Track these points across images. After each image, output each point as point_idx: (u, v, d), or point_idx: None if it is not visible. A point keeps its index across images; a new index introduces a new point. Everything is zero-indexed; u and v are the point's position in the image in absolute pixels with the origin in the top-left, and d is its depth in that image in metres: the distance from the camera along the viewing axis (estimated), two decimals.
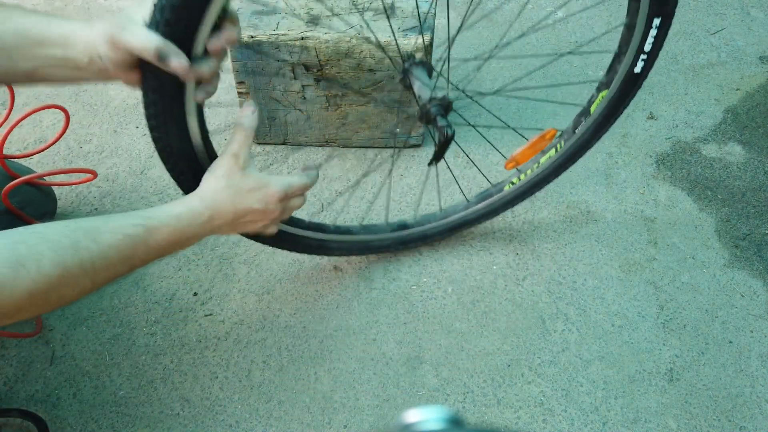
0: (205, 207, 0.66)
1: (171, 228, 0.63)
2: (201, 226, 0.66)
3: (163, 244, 0.63)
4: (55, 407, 0.92)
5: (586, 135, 1.01)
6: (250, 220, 0.71)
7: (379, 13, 1.14)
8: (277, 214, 0.73)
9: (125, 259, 0.59)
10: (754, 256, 1.14)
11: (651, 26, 0.93)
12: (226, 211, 0.67)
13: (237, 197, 0.68)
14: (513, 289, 1.08)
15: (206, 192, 0.68)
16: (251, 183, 0.69)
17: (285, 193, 0.72)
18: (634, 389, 0.96)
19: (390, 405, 0.94)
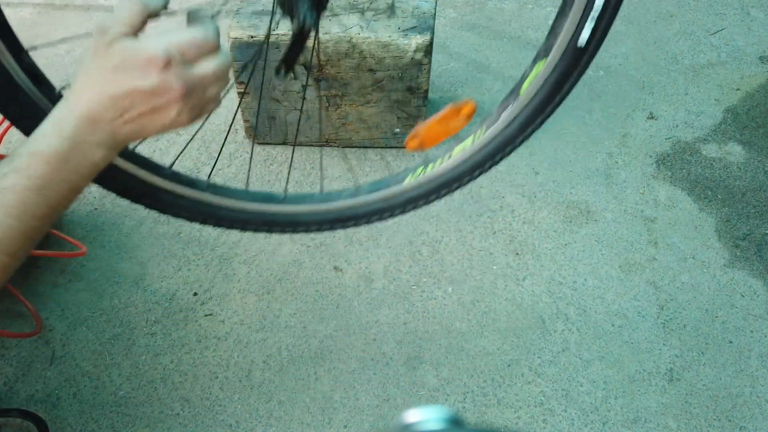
0: (71, 107, 0.51)
1: (45, 154, 0.50)
2: (82, 132, 0.51)
3: (52, 175, 0.50)
4: (55, 407, 0.92)
5: (513, 125, 0.76)
6: (144, 109, 0.52)
7: (379, 13, 1.14)
8: (178, 90, 0.52)
9: (20, 214, 0.50)
10: (754, 256, 1.14)
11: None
12: (99, 102, 0.51)
13: (105, 78, 0.51)
14: (513, 289, 1.08)
15: (72, 88, 0.52)
16: (118, 55, 0.50)
17: (167, 53, 0.50)
18: (634, 389, 0.96)
19: (390, 405, 0.94)
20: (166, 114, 0.53)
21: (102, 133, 0.51)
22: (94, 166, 0.53)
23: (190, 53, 0.53)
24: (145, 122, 0.53)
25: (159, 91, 0.51)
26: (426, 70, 1.14)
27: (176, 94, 0.52)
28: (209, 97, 0.55)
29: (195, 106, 0.54)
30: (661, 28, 1.64)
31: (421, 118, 1.23)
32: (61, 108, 0.51)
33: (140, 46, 0.50)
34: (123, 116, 0.52)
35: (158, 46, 0.50)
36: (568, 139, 1.34)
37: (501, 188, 1.24)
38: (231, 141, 1.32)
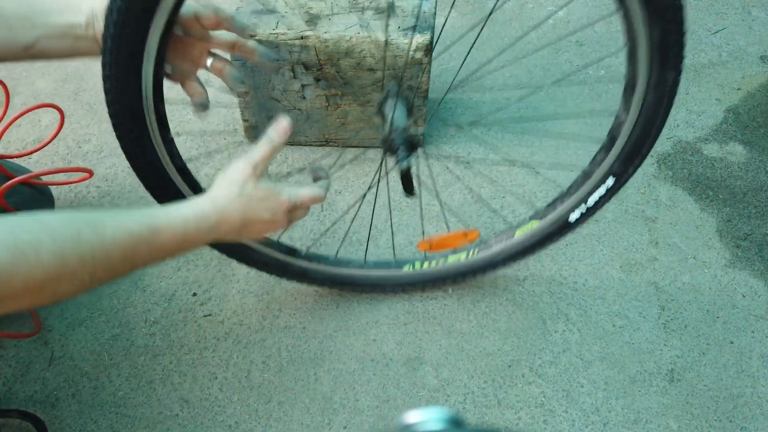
0: (214, 212, 0.64)
1: (177, 230, 0.61)
2: (208, 231, 0.64)
3: (167, 246, 0.61)
4: (54, 408, 0.92)
5: (500, 256, 0.99)
6: (256, 230, 0.70)
7: (379, 12, 1.13)
8: (284, 226, 0.72)
9: (127, 257, 0.57)
10: (756, 256, 1.13)
11: (604, 182, 0.87)
12: (235, 219, 0.66)
13: (248, 206, 0.66)
14: (513, 290, 1.08)
15: (218, 197, 0.66)
16: (263, 192, 0.67)
17: (294, 204, 0.70)
18: (635, 390, 0.95)
19: (390, 406, 0.93)
20: (261, 234, 0.71)
21: (219, 234, 0.66)
22: (189, 252, 0.69)
23: (305, 203, 0.72)
24: (249, 235, 0.70)
25: (274, 224, 0.70)
26: (426, 70, 1.13)
27: (281, 228, 0.72)
28: (286, 228, 0.73)
29: (280, 230, 0.72)
30: None
31: (421, 118, 1.23)
32: (206, 204, 0.64)
33: (280, 189, 0.69)
34: (242, 229, 0.68)
35: (292, 195, 0.70)
36: (568, 139, 1.34)
37: (501, 188, 1.23)
38: (231, 141, 1.32)
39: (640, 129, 0.77)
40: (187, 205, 0.63)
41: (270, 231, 0.71)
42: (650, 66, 0.67)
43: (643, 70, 0.69)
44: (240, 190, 0.66)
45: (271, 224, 0.70)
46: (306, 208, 0.74)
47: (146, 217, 0.59)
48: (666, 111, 0.74)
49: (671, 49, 0.65)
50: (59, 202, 1.16)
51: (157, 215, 0.60)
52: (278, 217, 0.69)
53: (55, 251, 0.50)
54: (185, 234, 0.62)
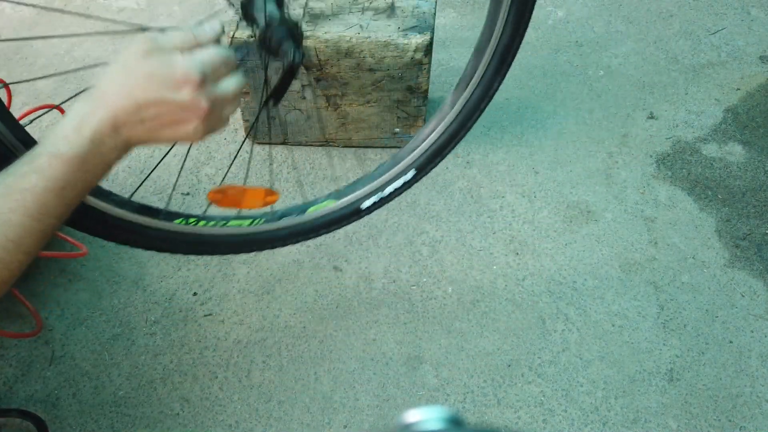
0: (95, 107, 0.51)
1: (65, 155, 0.50)
2: (100, 136, 0.50)
3: (70, 176, 0.50)
4: (54, 407, 0.92)
5: (283, 231, 0.90)
6: (166, 120, 0.53)
7: (379, 12, 1.14)
8: (204, 108, 0.53)
9: (39, 215, 0.50)
10: (755, 256, 1.14)
11: (404, 174, 0.90)
12: (124, 107, 0.51)
13: (133, 82, 0.51)
14: (513, 289, 1.08)
15: (99, 85, 0.52)
16: (154, 65, 0.51)
17: (202, 71, 0.52)
18: (635, 389, 0.96)
19: (390, 405, 0.93)
20: (183, 127, 0.54)
21: (120, 137, 0.52)
22: (107, 166, 0.53)
23: (218, 72, 0.55)
24: (162, 131, 0.54)
25: (186, 107, 0.52)
26: (426, 70, 1.14)
27: (201, 112, 0.53)
28: (224, 117, 0.57)
29: (210, 123, 0.55)
30: (661, 27, 1.64)
31: (421, 117, 1.23)
32: (83, 107, 0.51)
33: (178, 60, 0.52)
34: (143, 122, 0.52)
35: (195, 65, 0.52)
36: (568, 139, 1.34)
37: (501, 188, 1.24)
38: (231, 141, 1.32)
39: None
40: (63, 119, 0.52)
41: (194, 119, 0.53)
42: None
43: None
44: (121, 65, 0.52)
45: (184, 109, 0.52)
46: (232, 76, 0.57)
47: (27, 163, 0.50)
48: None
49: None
50: None
51: (38, 153, 0.50)
52: (188, 95, 0.52)
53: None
54: (77, 153, 0.50)
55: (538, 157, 1.30)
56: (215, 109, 0.54)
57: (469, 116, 0.89)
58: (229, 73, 0.57)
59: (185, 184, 1.23)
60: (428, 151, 0.91)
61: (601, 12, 1.68)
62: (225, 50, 0.56)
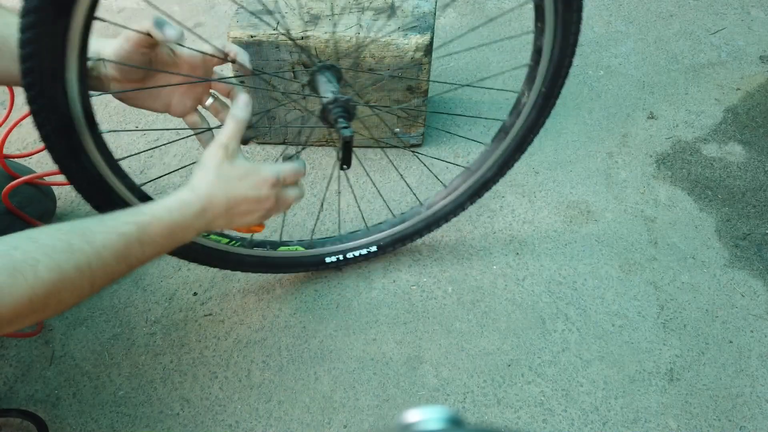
0: (196, 197, 0.65)
1: (163, 222, 0.62)
2: (194, 218, 0.64)
3: (158, 239, 0.62)
4: (54, 407, 0.92)
5: (250, 260, 0.99)
6: (244, 210, 0.69)
7: (379, 12, 1.14)
8: (272, 202, 0.71)
9: (121, 258, 0.59)
10: (755, 256, 1.14)
11: (366, 248, 1.07)
12: (219, 201, 0.66)
13: (228, 186, 0.66)
14: (513, 289, 1.08)
15: (197, 183, 0.66)
16: (241, 171, 0.67)
17: (276, 177, 0.69)
18: (635, 389, 0.96)
19: (390, 405, 0.93)
20: (258, 216, 0.71)
21: (207, 221, 0.66)
22: (184, 241, 0.65)
23: (288, 180, 0.72)
24: (242, 220, 0.70)
25: (262, 202, 0.69)
26: (426, 70, 1.14)
27: (272, 206, 0.71)
28: (282, 210, 0.74)
29: (270, 213, 0.72)
30: (661, 27, 1.64)
31: (421, 118, 1.23)
32: (187, 193, 0.65)
33: (259, 166, 0.68)
34: (230, 212, 0.67)
35: (272, 169, 0.69)
36: (568, 139, 1.34)
37: (501, 188, 1.24)
38: None
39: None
40: (169, 198, 0.64)
41: (262, 211, 0.71)
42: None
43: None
44: (217, 171, 0.66)
45: (259, 202, 0.69)
46: (297, 186, 0.74)
47: (131, 215, 0.61)
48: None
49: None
50: (61, 202, 1.16)
51: (143, 211, 0.61)
52: (264, 193, 0.69)
53: (51, 267, 0.52)
54: (172, 224, 0.62)
55: (538, 157, 1.30)
56: (279, 206, 0.72)
57: (437, 220, 1.06)
58: (296, 182, 0.74)
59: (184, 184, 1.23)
60: (393, 237, 1.07)
61: (601, 12, 1.68)
62: (297, 165, 0.73)
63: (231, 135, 0.67)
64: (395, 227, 1.06)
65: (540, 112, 0.91)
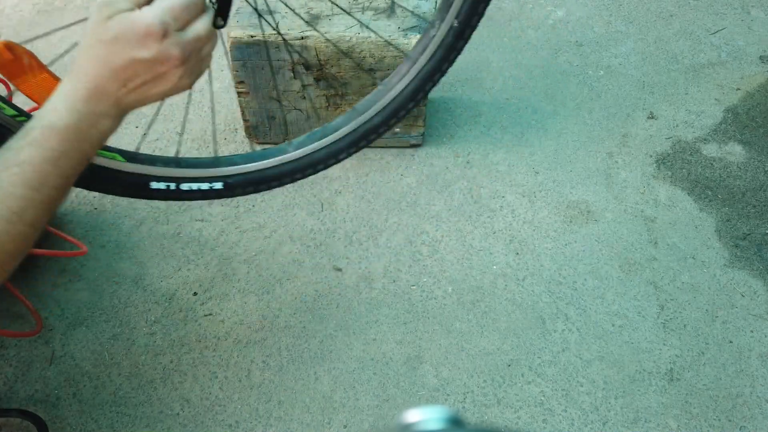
0: (78, 81, 0.53)
1: (55, 127, 0.52)
2: (88, 105, 0.53)
3: (65, 147, 0.52)
4: (54, 407, 0.92)
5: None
6: (147, 77, 0.54)
7: (379, 12, 1.14)
8: (177, 56, 0.53)
9: (38, 185, 0.52)
10: (755, 256, 1.14)
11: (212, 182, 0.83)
12: (103, 75, 0.52)
13: (105, 51, 0.52)
14: (513, 289, 1.08)
15: (76, 63, 0.54)
16: (117, 28, 0.51)
17: (162, 21, 0.51)
18: (635, 389, 0.96)
19: (390, 405, 0.93)
20: (167, 80, 0.55)
21: (108, 103, 0.54)
22: (102, 134, 0.55)
23: (182, 17, 0.54)
24: (148, 89, 0.55)
25: (160, 60, 0.53)
26: None
27: (176, 60, 0.54)
28: (204, 56, 0.57)
29: (193, 67, 0.56)
30: (661, 27, 1.64)
31: (421, 117, 1.23)
32: (67, 83, 0.53)
33: (136, 17, 0.51)
34: (126, 86, 0.54)
35: (154, 16, 0.51)
36: (568, 139, 1.34)
37: (501, 188, 1.24)
38: (231, 141, 1.32)
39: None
40: (52, 97, 0.54)
41: (173, 71, 0.54)
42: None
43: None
44: (91, 40, 0.52)
45: (157, 63, 0.53)
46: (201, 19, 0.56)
47: (22, 138, 0.52)
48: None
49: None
50: None
51: (32, 127, 0.52)
52: (155, 50, 0.52)
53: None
54: (69, 125, 0.52)
55: (538, 157, 1.30)
56: (191, 55, 0.55)
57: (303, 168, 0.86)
58: (196, 15, 0.56)
59: None
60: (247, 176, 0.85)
61: (601, 12, 1.68)
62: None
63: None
64: (250, 163, 0.84)
65: (447, 52, 0.76)
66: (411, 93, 0.80)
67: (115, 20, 0.51)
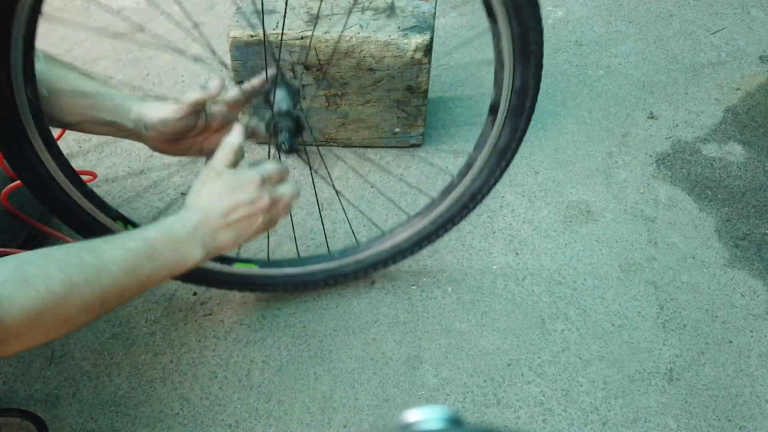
0: (191, 212, 0.68)
1: (167, 236, 0.65)
2: (195, 230, 0.67)
3: (165, 253, 0.64)
4: (54, 407, 0.92)
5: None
6: (243, 216, 0.70)
7: (379, 12, 1.14)
8: (267, 201, 0.71)
9: (130, 273, 0.60)
10: (754, 256, 1.14)
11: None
12: (213, 212, 0.69)
13: (218, 197, 0.69)
14: (513, 289, 1.08)
15: (189, 201, 0.71)
16: (228, 181, 0.70)
17: (260, 176, 0.71)
18: (634, 389, 0.96)
19: (390, 405, 0.93)
20: (255, 221, 0.71)
21: (208, 232, 0.68)
22: (192, 259, 0.67)
23: (274, 178, 0.74)
24: (240, 227, 0.71)
25: (255, 201, 0.70)
26: (426, 70, 1.14)
27: (265, 203, 0.71)
28: (283, 211, 0.75)
29: (273, 215, 0.73)
30: (661, 27, 1.64)
31: (421, 117, 1.23)
32: (182, 213, 0.69)
33: (242, 172, 0.71)
34: (226, 221, 0.69)
35: (256, 171, 0.71)
36: (568, 139, 1.34)
37: (501, 188, 1.24)
38: None
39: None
40: (168, 217, 0.68)
41: (261, 213, 0.72)
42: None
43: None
44: (206, 188, 0.70)
45: (253, 204, 0.70)
46: (288, 183, 0.76)
47: (137, 232, 0.64)
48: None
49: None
50: None
51: (147, 228, 0.65)
52: (254, 193, 0.70)
53: (62, 280, 0.53)
54: (175, 238, 0.66)
55: (538, 157, 1.30)
56: (276, 203, 0.73)
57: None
58: (284, 179, 0.76)
59: (185, 184, 1.23)
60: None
61: (601, 12, 1.68)
62: (279, 164, 0.75)
63: (220, 159, 0.71)
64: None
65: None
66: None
67: (224, 174, 0.70)
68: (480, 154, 0.86)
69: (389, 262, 1.02)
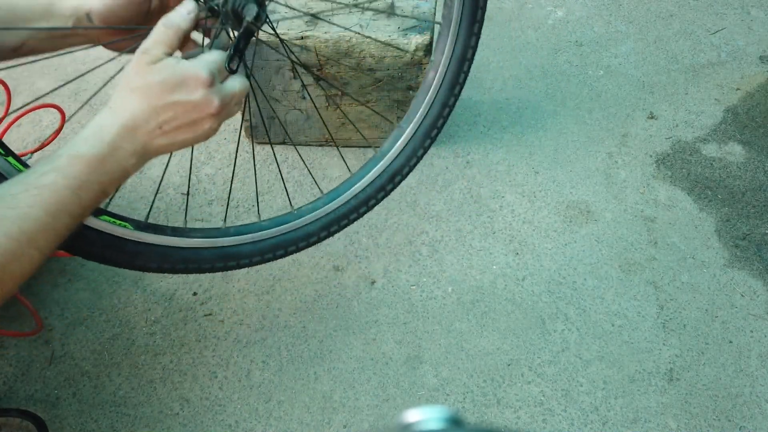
0: (114, 116, 0.55)
1: (84, 157, 0.53)
2: (119, 139, 0.55)
3: (87, 177, 0.54)
4: (54, 407, 0.92)
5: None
6: (184, 122, 0.57)
7: (379, 12, 1.14)
8: (216, 104, 0.57)
9: (56, 211, 0.53)
10: (754, 256, 1.14)
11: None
12: (143, 114, 0.55)
13: (151, 94, 0.55)
14: (513, 289, 1.08)
15: (114, 100, 0.56)
16: (165, 74, 0.55)
17: (210, 73, 0.56)
18: (634, 389, 0.96)
19: (390, 405, 0.93)
20: (200, 126, 0.59)
21: (138, 141, 0.56)
22: (125, 172, 0.57)
23: (223, 73, 0.59)
24: (178, 134, 0.58)
25: (200, 105, 0.57)
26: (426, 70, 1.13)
27: (214, 109, 0.57)
28: (233, 109, 0.62)
29: (223, 117, 0.60)
30: (661, 27, 1.64)
31: None
32: (103, 116, 0.56)
33: (185, 65, 0.56)
34: (161, 127, 0.56)
35: (202, 66, 0.56)
36: (568, 139, 1.34)
37: (501, 188, 1.24)
38: (231, 140, 1.32)
39: None
40: (85, 128, 0.56)
41: (207, 119, 0.58)
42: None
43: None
44: (135, 81, 0.55)
45: (197, 108, 0.57)
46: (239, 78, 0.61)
47: (48, 163, 0.53)
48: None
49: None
50: None
51: (58, 155, 0.54)
52: (200, 95, 0.56)
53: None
54: (95, 155, 0.54)
55: (538, 157, 1.30)
56: (226, 106, 0.59)
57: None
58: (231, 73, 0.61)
59: (185, 184, 1.23)
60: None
61: (601, 12, 1.68)
62: (227, 53, 0.60)
63: (156, 39, 0.56)
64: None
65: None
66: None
67: (162, 65, 0.55)
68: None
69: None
